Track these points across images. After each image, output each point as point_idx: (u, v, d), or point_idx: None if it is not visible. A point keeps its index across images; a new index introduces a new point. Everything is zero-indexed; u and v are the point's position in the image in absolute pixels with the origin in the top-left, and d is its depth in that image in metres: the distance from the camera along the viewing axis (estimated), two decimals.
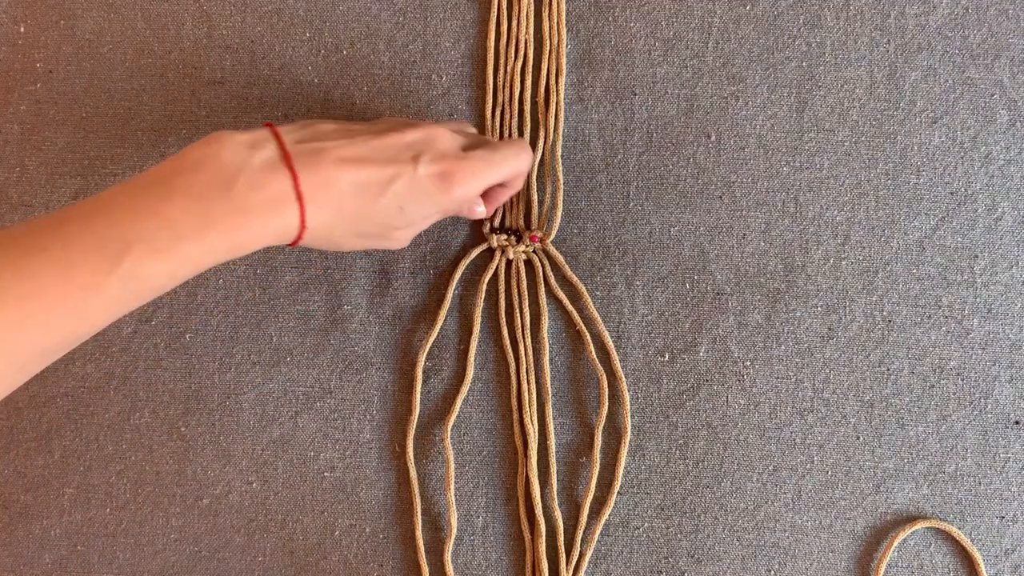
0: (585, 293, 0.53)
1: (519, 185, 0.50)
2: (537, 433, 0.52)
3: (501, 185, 0.48)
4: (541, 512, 0.51)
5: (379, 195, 0.42)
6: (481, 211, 0.48)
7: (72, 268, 0.36)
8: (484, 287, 0.53)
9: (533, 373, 0.53)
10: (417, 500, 0.52)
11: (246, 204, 0.38)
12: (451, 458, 0.52)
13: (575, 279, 0.53)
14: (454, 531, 0.52)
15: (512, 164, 0.46)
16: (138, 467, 0.53)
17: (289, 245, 0.41)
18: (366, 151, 0.41)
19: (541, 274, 0.54)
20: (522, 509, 0.52)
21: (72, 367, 0.53)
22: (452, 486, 0.52)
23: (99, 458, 0.53)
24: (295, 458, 0.53)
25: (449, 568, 0.52)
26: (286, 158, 0.39)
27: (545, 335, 0.53)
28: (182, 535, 0.52)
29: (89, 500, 0.52)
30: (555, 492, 0.52)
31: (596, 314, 0.53)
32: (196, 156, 0.38)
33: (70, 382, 0.53)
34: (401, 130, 0.44)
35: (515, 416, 0.53)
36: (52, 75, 0.55)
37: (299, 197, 0.39)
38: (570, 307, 0.53)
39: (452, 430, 0.53)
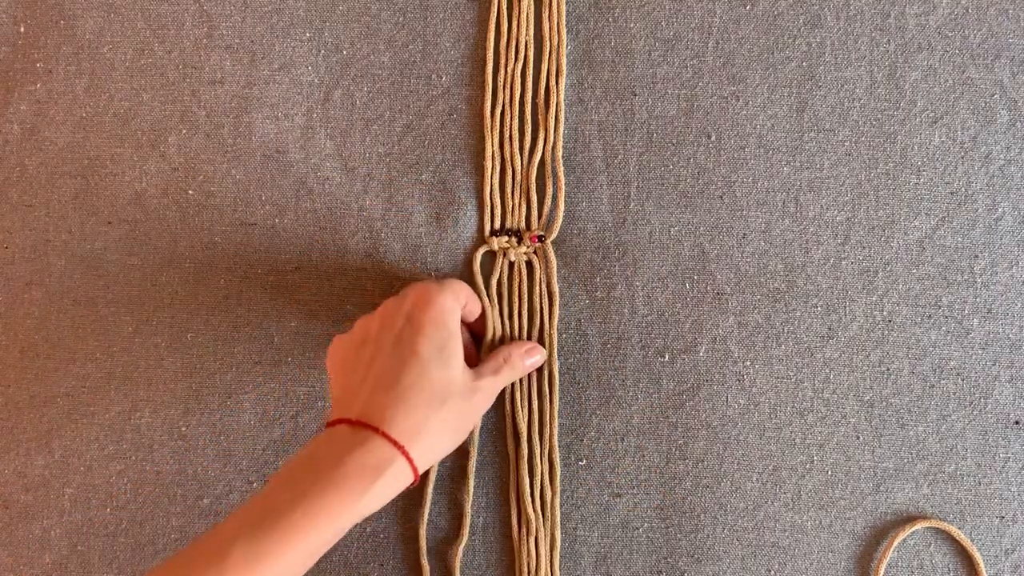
0: (556, 302, 0.53)
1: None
2: (527, 432, 0.52)
3: None
4: (532, 513, 0.51)
5: (404, 354, 0.45)
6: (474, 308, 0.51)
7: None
8: (488, 289, 0.53)
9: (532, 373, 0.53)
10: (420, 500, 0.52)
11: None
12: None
13: (555, 287, 0.53)
14: (465, 537, 0.52)
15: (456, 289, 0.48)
16: (138, 467, 0.53)
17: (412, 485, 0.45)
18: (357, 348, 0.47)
19: (539, 276, 0.54)
20: (513, 511, 0.52)
21: (72, 367, 0.53)
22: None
23: (99, 458, 0.53)
24: None
25: (457, 573, 0.52)
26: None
27: (544, 335, 0.53)
28: (182, 535, 0.52)
29: (89, 500, 0.52)
30: (558, 491, 0.52)
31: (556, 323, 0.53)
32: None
33: (70, 382, 0.53)
34: (383, 313, 0.47)
35: (508, 416, 0.53)
36: (52, 75, 0.55)
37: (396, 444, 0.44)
38: (549, 314, 0.53)
39: None
